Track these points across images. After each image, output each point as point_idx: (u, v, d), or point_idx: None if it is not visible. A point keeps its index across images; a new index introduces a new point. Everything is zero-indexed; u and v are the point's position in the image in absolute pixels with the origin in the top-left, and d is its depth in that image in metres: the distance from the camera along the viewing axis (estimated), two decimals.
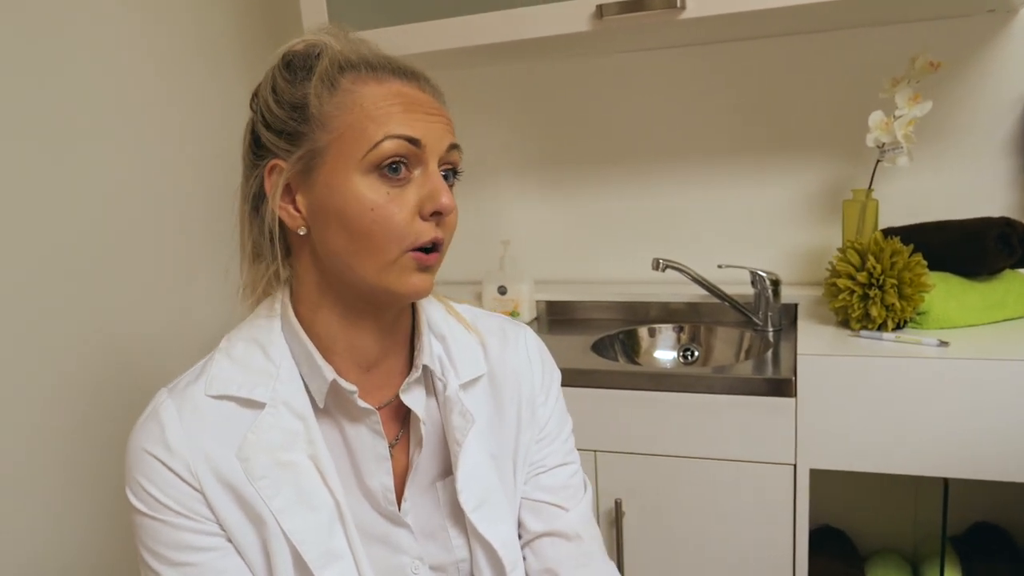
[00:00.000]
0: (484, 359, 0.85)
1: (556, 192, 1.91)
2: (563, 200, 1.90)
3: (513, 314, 1.81)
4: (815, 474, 1.29)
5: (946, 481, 1.43)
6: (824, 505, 1.70)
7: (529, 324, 1.80)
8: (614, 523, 1.40)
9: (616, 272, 1.89)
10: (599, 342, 1.61)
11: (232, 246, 0.79)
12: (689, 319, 1.73)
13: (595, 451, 1.40)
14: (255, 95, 0.75)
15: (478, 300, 1.86)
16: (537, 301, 1.86)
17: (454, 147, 0.74)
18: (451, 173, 0.75)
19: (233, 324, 0.80)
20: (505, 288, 1.81)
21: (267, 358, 0.75)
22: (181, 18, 1.59)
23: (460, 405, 0.80)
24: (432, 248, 0.72)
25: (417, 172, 0.71)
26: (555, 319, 1.85)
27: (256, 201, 0.75)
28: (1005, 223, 1.33)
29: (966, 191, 1.56)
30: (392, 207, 0.69)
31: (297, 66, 0.72)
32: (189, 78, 1.60)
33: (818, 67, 1.63)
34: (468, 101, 1.91)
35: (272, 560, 0.70)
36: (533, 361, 0.88)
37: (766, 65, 1.67)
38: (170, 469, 0.69)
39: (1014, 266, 1.38)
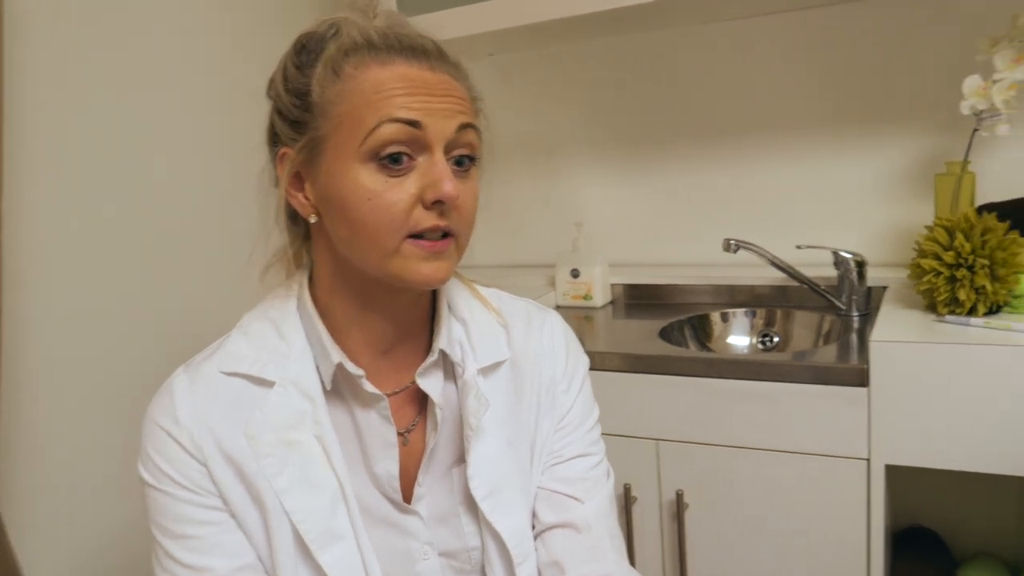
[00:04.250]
0: (507, 344, 0.82)
1: (629, 172, 1.85)
2: (636, 180, 1.85)
3: (586, 297, 1.78)
4: (903, 472, 1.20)
5: None
6: (916, 504, 1.58)
7: (603, 308, 1.77)
8: (676, 516, 1.35)
9: (694, 254, 1.82)
10: (668, 327, 1.55)
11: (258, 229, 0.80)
12: (768, 303, 1.64)
13: (657, 440, 1.35)
14: (271, 82, 0.75)
15: (551, 283, 1.84)
16: (612, 284, 1.82)
17: (466, 127, 0.70)
18: (465, 159, 0.72)
19: None
20: (578, 271, 1.78)
21: (281, 338, 0.75)
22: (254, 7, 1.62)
23: (476, 389, 0.78)
24: (442, 235, 0.69)
25: (422, 159, 0.68)
26: (631, 303, 1.80)
27: (276, 186, 0.76)
28: None
29: None
30: (390, 195, 0.66)
31: (309, 49, 0.71)
32: (241, 71, 1.61)
33: (908, 31, 1.50)
34: (538, 82, 1.88)
35: (272, 538, 0.70)
36: (557, 347, 0.85)
37: (850, 31, 1.55)
38: (177, 441, 0.71)
39: None
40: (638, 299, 1.81)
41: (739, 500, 1.31)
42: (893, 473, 1.25)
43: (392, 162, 0.67)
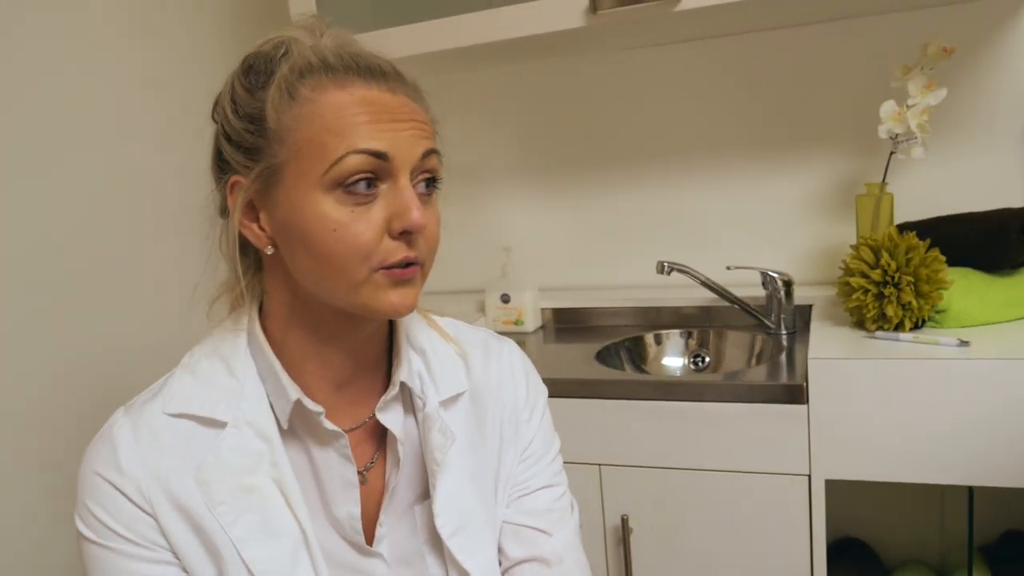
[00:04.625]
0: (466, 375, 0.80)
1: (558, 196, 1.85)
2: (566, 204, 1.85)
3: (517, 323, 1.76)
4: (835, 484, 1.22)
5: (971, 489, 1.35)
6: (846, 515, 1.62)
7: (534, 333, 1.76)
8: (621, 541, 1.34)
9: (623, 277, 1.83)
10: (604, 350, 1.55)
11: (203, 259, 0.75)
12: (699, 324, 1.67)
13: (599, 465, 1.34)
14: (216, 104, 0.70)
15: (481, 309, 1.81)
16: (542, 309, 1.81)
17: (431, 153, 0.68)
18: (429, 182, 0.69)
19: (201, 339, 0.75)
20: (508, 296, 1.76)
21: (231, 375, 0.70)
22: (168, 19, 1.55)
23: (440, 423, 0.75)
24: (408, 263, 0.66)
25: (385, 186, 0.65)
26: (561, 327, 1.79)
27: (224, 216, 0.71)
28: None
29: (985, 182, 1.48)
30: (357, 226, 0.63)
31: (258, 70, 0.66)
32: (173, 83, 1.56)
33: (825, 58, 1.57)
34: (466, 106, 1.86)
35: None
36: (517, 376, 0.83)
37: (770, 58, 1.61)
38: (121, 493, 0.65)
39: None
40: (568, 323, 1.80)
41: (683, 522, 1.31)
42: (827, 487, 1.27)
43: (357, 187, 0.63)
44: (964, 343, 1.17)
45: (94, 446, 0.68)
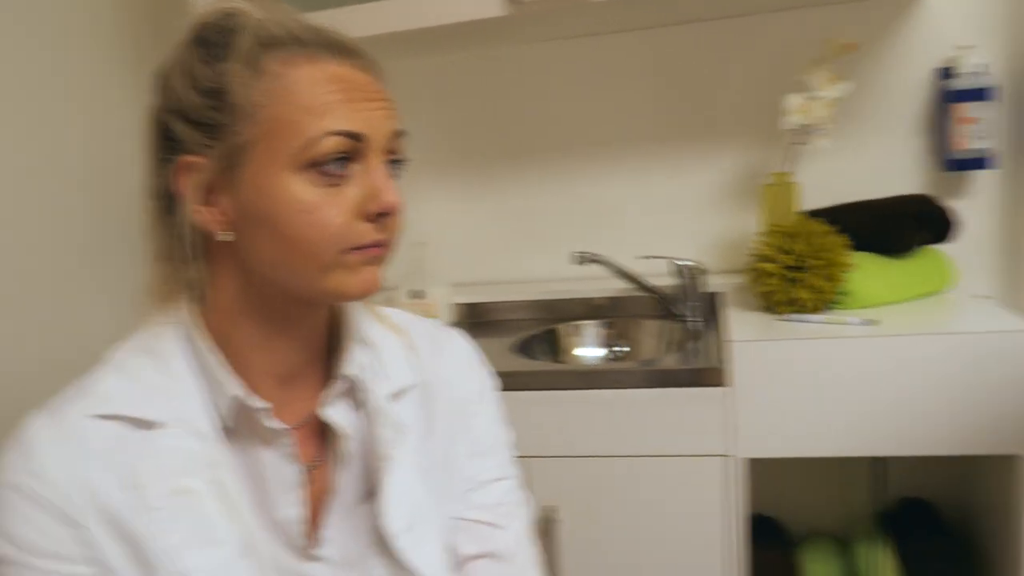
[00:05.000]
0: (414, 367, 0.77)
1: (471, 190, 1.84)
2: (479, 198, 1.84)
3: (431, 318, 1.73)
4: (753, 461, 1.27)
5: (875, 459, 1.43)
6: (755, 494, 1.68)
7: None
8: (547, 532, 1.34)
9: (537, 270, 1.83)
10: (520, 344, 1.54)
11: (119, 251, 0.69)
12: (614, 314, 1.69)
13: (528, 457, 1.33)
14: (163, 77, 0.64)
15: (393, 305, 1.77)
16: (455, 304, 1.79)
17: (400, 133, 0.66)
18: (396, 163, 0.67)
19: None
20: (422, 292, 1.73)
21: (163, 372, 0.65)
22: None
23: (389, 417, 0.72)
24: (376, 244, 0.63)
25: (357, 167, 0.62)
26: (475, 322, 1.78)
27: (167, 200, 0.65)
28: (922, 200, 1.35)
29: (884, 170, 1.57)
30: (329, 209, 0.60)
31: (213, 42, 0.61)
32: (69, 66, 1.44)
33: (735, 53, 1.62)
34: None
35: None
36: (466, 368, 0.81)
37: (682, 52, 1.65)
38: (40, 503, 0.59)
39: (933, 241, 1.39)
40: (482, 318, 1.79)
41: (610, 509, 1.32)
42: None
43: (331, 171, 0.60)
44: (870, 322, 1.23)
45: (6, 455, 0.61)
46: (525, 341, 1.57)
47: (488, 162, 1.81)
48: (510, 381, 1.33)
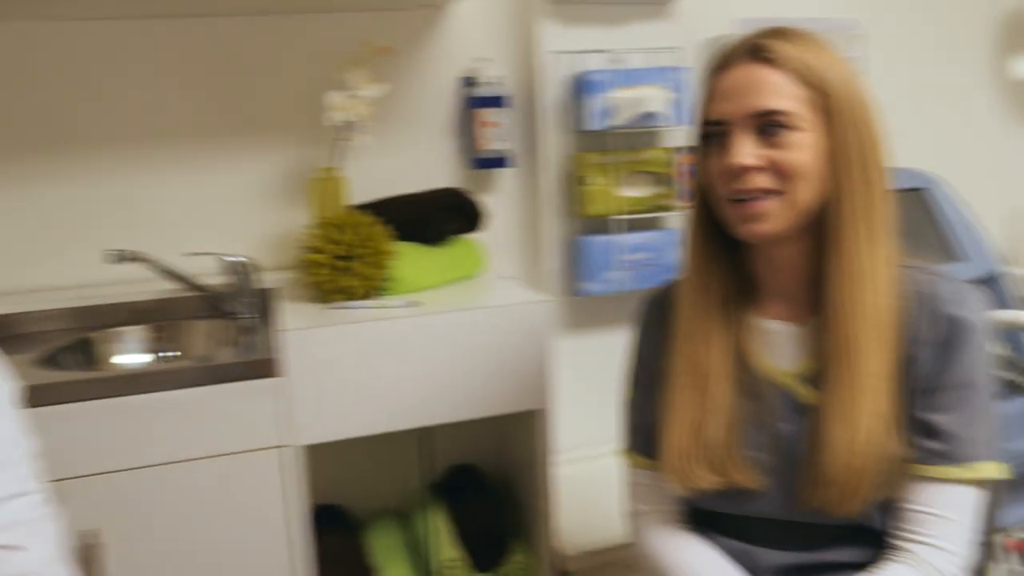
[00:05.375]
0: None
1: None
2: None
3: None
4: (311, 453, 1.27)
5: (423, 433, 1.54)
6: (319, 484, 1.70)
7: None
8: (89, 560, 1.18)
9: (65, 276, 1.60)
10: (46, 357, 1.34)
11: None
12: (161, 317, 1.55)
13: (57, 480, 1.16)
14: None
15: None
16: None
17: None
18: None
19: None
20: None
21: None
22: None
23: None
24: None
25: None
26: None
27: None
28: (455, 194, 1.49)
29: (423, 167, 1.71)
30: None
31: None
32: None
33: (276, 49, 1.62)
34: None
35: None
36: None
37: (221, 46, 1.59)
38: None
39: (466, 231, 1.55)
40: (2, 332, 1.51)
41: (165, 522, 1.23)
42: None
43: None
44: (412, 304, 1.33)
45: None
46: (52, 354, 1.36)
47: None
48: (36, 396, 1.15)
